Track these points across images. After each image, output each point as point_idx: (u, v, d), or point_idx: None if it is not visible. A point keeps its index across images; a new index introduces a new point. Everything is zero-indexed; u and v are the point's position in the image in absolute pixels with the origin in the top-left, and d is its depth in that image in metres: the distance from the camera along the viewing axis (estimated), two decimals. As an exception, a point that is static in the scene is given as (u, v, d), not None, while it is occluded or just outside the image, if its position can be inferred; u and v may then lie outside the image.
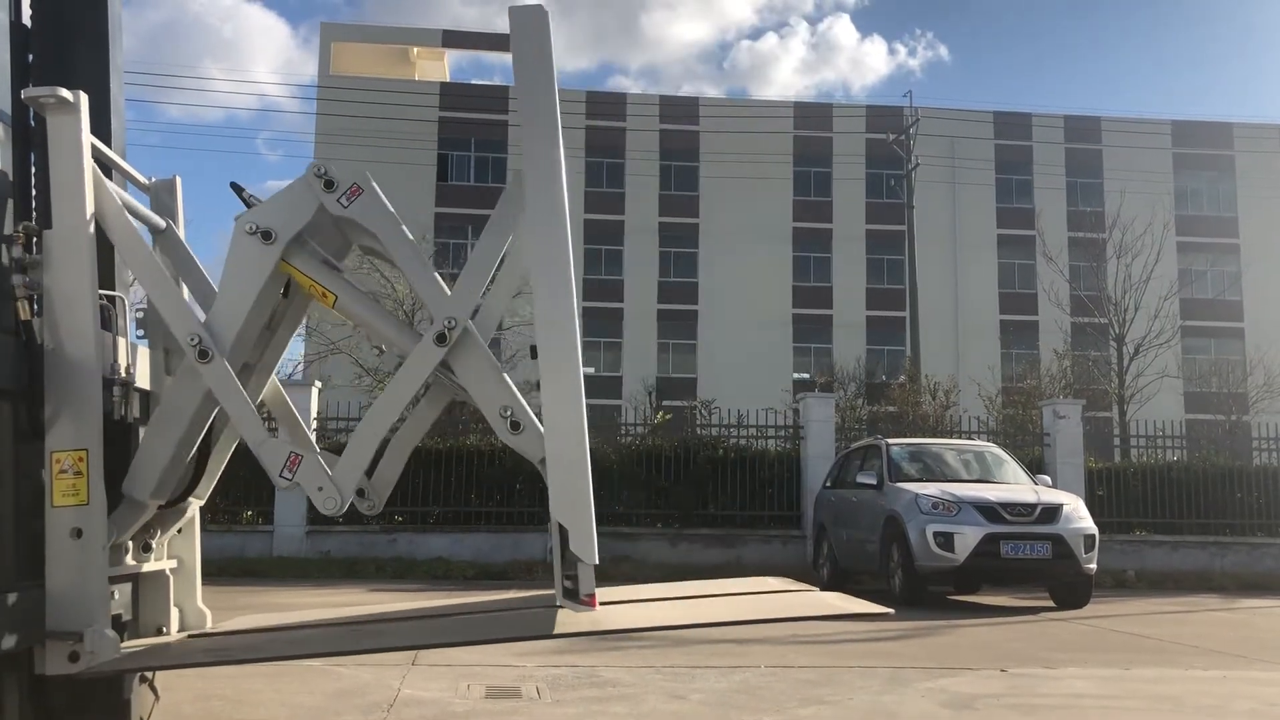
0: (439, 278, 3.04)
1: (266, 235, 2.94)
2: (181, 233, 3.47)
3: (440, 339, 2.89)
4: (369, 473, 3.17)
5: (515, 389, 2.95)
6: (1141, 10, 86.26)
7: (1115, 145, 45.70)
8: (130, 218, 3.03)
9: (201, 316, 3.00)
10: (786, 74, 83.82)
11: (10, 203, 2.85)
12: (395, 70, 47.03)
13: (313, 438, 3.33)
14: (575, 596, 2.70)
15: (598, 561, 2.68)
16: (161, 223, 3.32)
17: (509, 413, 2.91)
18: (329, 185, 2.96)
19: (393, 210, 3.04)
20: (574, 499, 2.70)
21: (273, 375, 3.40)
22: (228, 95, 68.80)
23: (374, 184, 3.02)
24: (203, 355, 2.87)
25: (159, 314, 3.06)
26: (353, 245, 3.21)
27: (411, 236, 3.10)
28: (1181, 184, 46.37)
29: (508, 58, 54.45)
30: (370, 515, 3.23)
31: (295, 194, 3.00)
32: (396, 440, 3.32)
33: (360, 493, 3.16)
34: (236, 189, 3.17)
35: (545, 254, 2.78)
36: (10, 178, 2.88)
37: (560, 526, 2.69)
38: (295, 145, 75.64)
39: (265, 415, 3.32)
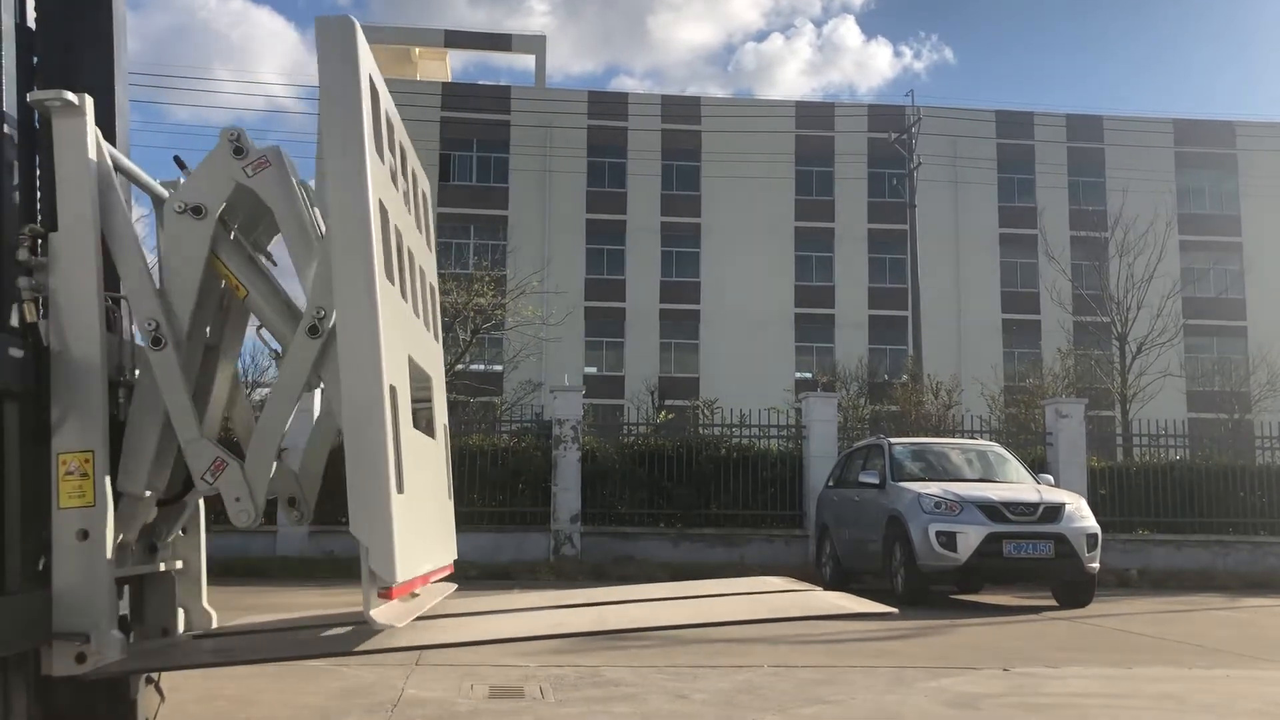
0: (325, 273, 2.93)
1: (197, 211, 2.89)
2: None
3: (312, 330, 2.83)
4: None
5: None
6: (1145, 9, 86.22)
7: (1117, 144, 45.65)
8: (131, 215, 3.03)
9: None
10: (792, 76, 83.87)
11: (16, 205, 2.86)
12: (397, 70, 47.03)
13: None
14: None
15: (398, 580, 2.55)
16: (164, 192, 3.30)
17: None
18: (238, 152, 2.90)
19: (298, 194, 2.97)
20: (372, 511, 2.57)
21: (236, 367, 3.35)
22: (233, 98, 68.87)
23: (286, 163, 2.95)
24: (156, 342, 2.84)
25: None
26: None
27: (311, 231, 3.01)
28: (1184, 182, 46.31)
29: (511, 58, 54.30)
30: (299, 526, 3.16)
31: (213, 164, 2.93)
32: (312, 441, 3.24)
33: (292, 501, 3.10)
34: (180, 163, 3.10)
35: (347, 271, 2.64)
36: (16, 180, 2.89)
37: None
38: (299, 146, 75.54)
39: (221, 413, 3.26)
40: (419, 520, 3.00)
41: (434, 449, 3.51)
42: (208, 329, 3.13)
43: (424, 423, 3.45)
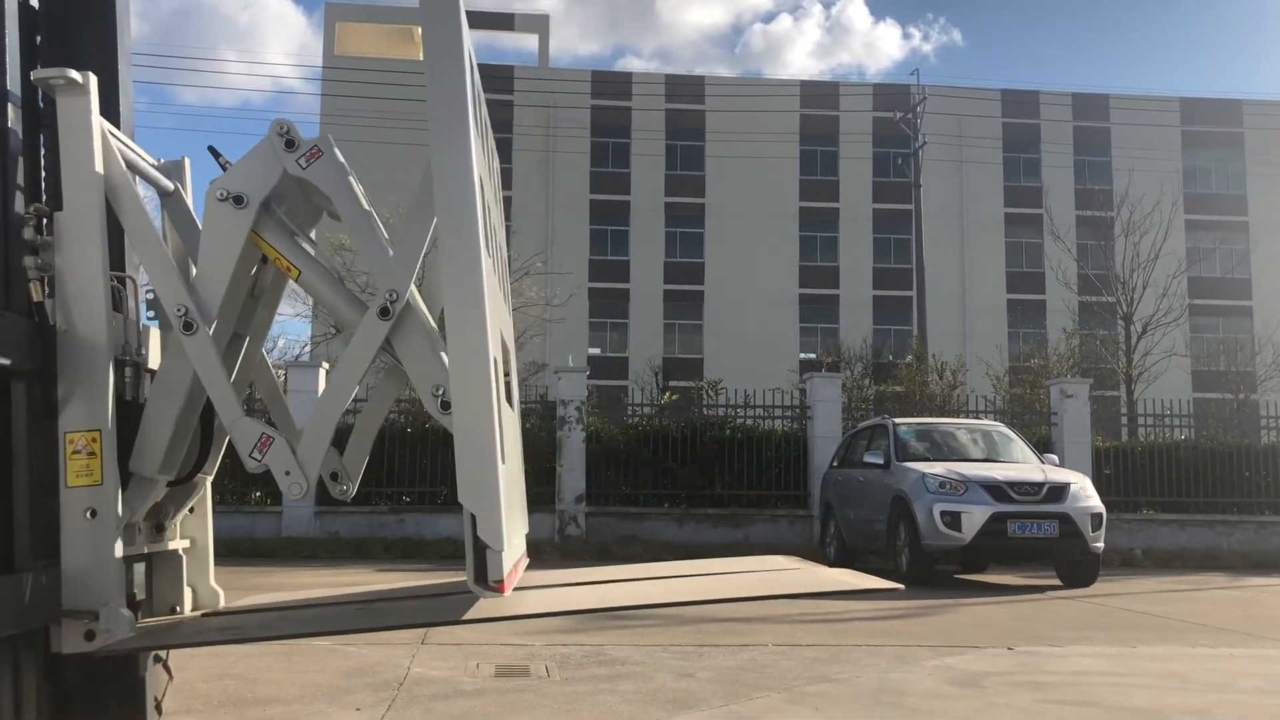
0: (390, 250, 2.97)
1: (238, 200, 2.92)
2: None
3: (384, 312, 2.85)
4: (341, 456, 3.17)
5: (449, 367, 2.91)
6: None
7: (1123, 123, 45.45)
8: (139, 192, 3.03)
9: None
10: (800, 57, 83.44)
11: (21, 184, 2.86)
12: (399, 50, 46.85)
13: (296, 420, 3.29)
14: (485, 582, 2.60)
15: (505, 548, 2.61)
16: (170, 185, 3.31)
17: (440, 391, 2.85)
18: (290, 145, 2.94)
19: (351, 176, 3.02)
20: (480, 483, 2.62)
21: (262, 352, 3.39)
22: (238, 79, 68.68)
23: (335, 149, 3.00)
24: (187, 327, 2.86)
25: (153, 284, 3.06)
26: (321, 213, 3.18)
27: (368, 206, 3.05)
28: (1190, 162, 46.13)
29: (515, 38, 53.96)
30: (344, 499, 3.21)
31: (261, 156, 2.97)
32: (360, 421, 3.31)
33: (334, 476, 3.17)
34: (214, 153, 3.14)
35: (453, 248, 2.66)
36: (21, 159, 2.88)
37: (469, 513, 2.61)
38: (303, 127, 75.22)
39: (252, 392, 3.31)
40: (512, 490, 3.05)
41: (514, 420, 3.56)
42: (237, 314, 3.16)
43: (507, 394, 3.51)
